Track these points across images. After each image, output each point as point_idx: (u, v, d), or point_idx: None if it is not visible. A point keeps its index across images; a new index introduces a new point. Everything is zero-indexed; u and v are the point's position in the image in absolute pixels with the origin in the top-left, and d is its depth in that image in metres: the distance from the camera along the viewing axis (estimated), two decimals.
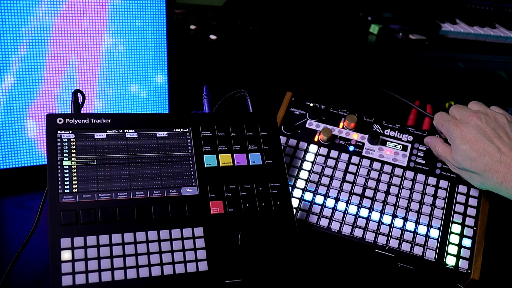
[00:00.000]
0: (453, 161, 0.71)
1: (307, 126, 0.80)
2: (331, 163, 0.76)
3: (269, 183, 0.67)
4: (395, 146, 0.78)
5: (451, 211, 0.72)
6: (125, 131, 0.64)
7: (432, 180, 0.75)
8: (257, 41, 1.13)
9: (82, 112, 0.65)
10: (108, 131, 0.63)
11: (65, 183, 0.59)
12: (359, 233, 0.70)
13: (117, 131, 0.64)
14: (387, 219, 0.71)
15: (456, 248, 0.70)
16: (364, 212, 0.72)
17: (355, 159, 0.76)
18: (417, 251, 0.69)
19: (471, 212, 0.72)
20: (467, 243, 0.70)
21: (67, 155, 0.60)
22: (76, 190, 0.59)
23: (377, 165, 0.76)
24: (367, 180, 0.75)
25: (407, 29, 1.27)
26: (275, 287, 0.62)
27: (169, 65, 0.87)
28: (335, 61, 1.12)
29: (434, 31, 1.28)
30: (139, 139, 0.64)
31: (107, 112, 0.85)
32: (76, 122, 0.62)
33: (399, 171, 0.75)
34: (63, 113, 0.64)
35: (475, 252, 0.69)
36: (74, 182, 0.59)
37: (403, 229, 0.71)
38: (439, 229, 0.71)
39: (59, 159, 0.60)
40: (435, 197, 0.73)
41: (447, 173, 0.75)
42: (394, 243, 0.70)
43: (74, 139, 0.61)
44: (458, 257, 0.69)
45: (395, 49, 1.18)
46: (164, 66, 0.87)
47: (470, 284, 0.68)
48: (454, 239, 0.70)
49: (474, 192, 0.74)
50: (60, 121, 0.62)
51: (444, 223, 0.71)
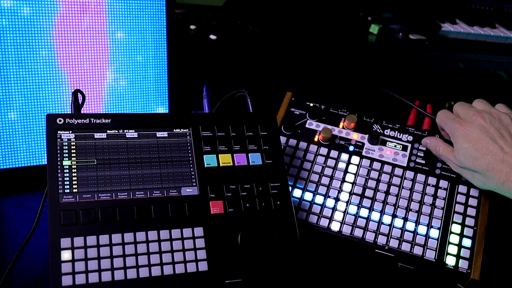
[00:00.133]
0: (455, 160, 0.71)
1: (307, 126, 0.79)
2: (331, 163, 0.76)
3: (269, 183, 0.67)
4: (395, 146, 0.78)
5: (451, 211, 0.72)
6: (125, 131, 0.64)
7: (432, 180, 0.75)
8: (257, 41, 1.13)
9: (82, 112, 0.66)
10: (108, 131, 0.63)
11: (65, 183, 0.59)
12: (359, 233, 0.70)
13: (117, 131, 0.64)
14: (387, 219, 0.71)
15: (456, 248, 0.70)
16: (364, 212, 0.72)
17: (355, 159, 0.76)
18: (417, 251, 0.69)
19: (471, 212, 0.72)
20: (467, 243, 0.70)
21: (67, 155, 0.60)
22: (76, 190, 0.59)
23: (377, 165, 0.76)
24: (367, 180, 0.75)
25: (407, 29, 1.27)
26: (275, 287, 0.62)
27: (169, 65, 0.87)
28: (335, 61, 1.12)
29: (434, 31, 1.28)
30: (139, 139, 0.64)
31: (107, 112, 0.85)
32: (76, 122, 0.62)
33: (399, 171, 0.75)
34: (63, 113, 0.64)
35: (475, 252, 0.69)
36: (74, 182, 0.59)
37: (403, 229, 0.71)
38: (439, 229, 0.71)
39: (59, 159, 0.60)
40: (435, 197, 0.73)
41: (447, 173, 0.75)
42: (394, 243, 0.70)
43: (74, 139, 0.61)
44: (458, 257, 0.69)
45: (395, 49, 1.18)
46: (164, 66, 0.87)
47: (470, 284, 0.68)
48: (454, 239, 0.70)
49: (474, 192, 0.74)
50: (60, 121, 0.62)
51: (444, 223, 0.71)
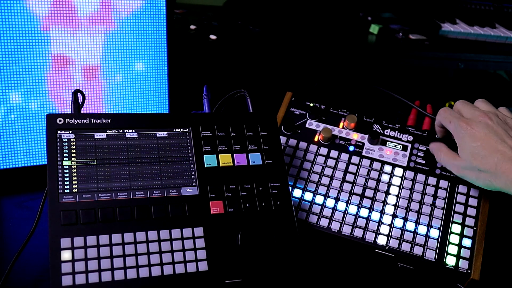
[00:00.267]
0: (458, 162, 0.70)
1: (307, 126, 0.79)
2: (331, 163, 0.76)
3: (269, 183, 0.67)
4: (395, 146, 0.78)
5: (451, 211, 0.72)
6: (125, 131, 0.64)
7: (432, 180, 0.75)
8: (257, 41, 1.13)
9: (82, 112, 0.66)
10: (108, 131, 0.63)
11: (65, 183, 0.59)
12: (359, 233, 0.70)
13: (117, 131, 0.64)
14: (387, 219, 0.71)
15: (456, 248, 0.70)
16: (364, 212, 0.72)
17: (355, 159, 0.76)
18: (417, 251, 0.69)
19: (471, 212, 0.72)
20: (467, 243, 0.70)
21: (67, 155, 0.60)
22: (76, 190, 0.59)
23: (377, 165, 0.76)
24: (367, 180, 0.75)
25: (407, 29, 1.28)
26: (275, 287, 0.62)
27: (169, 65, 0.87)
28: (335, 61, 1.12)
29: (434, 31, 1.28)
30: (139, 139, 0.64)
31: (107, 112, 0.85)
32: (76, 122, 0.62)
33: (399, 171, 0.75)
34: (63, 113, 0.64)
35: (475, 252, 0.69)
36: (74, 182, 0.59)
37: (403, 229, 0.71)
38: (439, 229, 0.71)
39: (59, 159, 0.60)
40: (435, 197, 0.73)
41: (447, 173, 0.75)
42: (394, 243, 0.70)
43: (74, 139, 0.61)
44: (458, 257, 0.69)
45: (395, 49, 1.18)
46: (164, 66, 0.87)
47: (470, 284, 0.68)
48: (454, 239, 0.70)
49: (474, 192, 0.74)
50: (60, 121, 0.62)
51: (444, 223, 0.71)
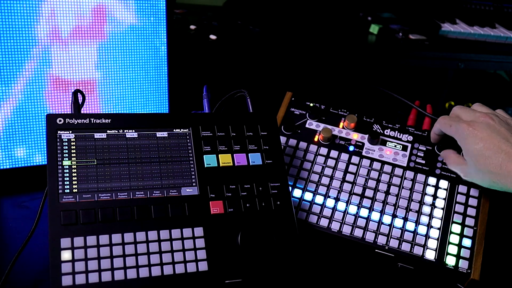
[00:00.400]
0: (464, 166, 0.70)
1: (307, 126, 0.79)
2: (331, 163, 0.76)
3: (269, 183, 0.67)
4: (395, 146, 0.78)
5: (451, 211, 0.72)
6: (125, 131, 0.64)
7: (432, 180, 0.75)
8: (257, 41, 1.13)
9: (82, 112, 0.65)
10: (108, 131, 0.63)
11: (65, 183, 0.59)
12: (359, 233, 0.70)
13: (117, 131, 0.64)
14: (387, 219, 0.71)
15: (456, 248, 0.70)
16: (364, 212, 0.72)
17: (355, 159, 0.76)
18: (417, 251, 0.69)
19: (471, 212, 0.72)
20: (467, 243, 0.70)
21: (67, 155, 0.60)
22: (76, 190, 0.59)
23: (377, 165, 0.76)
24: (367, 180, 0.75)
25: (407, 29, 1.28)
26: (275, 287, 0.62)
27: (169, 65, 0.87)
28: (335, 61, 1.12)
29: (434, 31, 1.28)
30: (139, 139, 0.64)
31: (107, 112, 0.85)
32: (76, 122, 0.62)
33: (399, 171, 0.75)
34: (63, 113, 0.64)
35: (475, 252, 0.69)
36: (74, 182, 0.59)
37: (403, 229, 0.71)
38: (439, 229, 0.71)
39: (59, 159, 0.60)
40: (435, 197, 0.73)
41: (447, 173, 0.75)
42: (394, 243, 0.70)
43: (74, 139, 0.61)
44: (458, 257, 0.69)
45: (395, 49, 1.18)
46: (164, 66, 0.87)
47: (470, 284, 0.68)
48: (454, 239, 0.70)
49: (474, 192, 0.74)
50: (60, 121, 0.62)
51: (444, 223, 0.71)
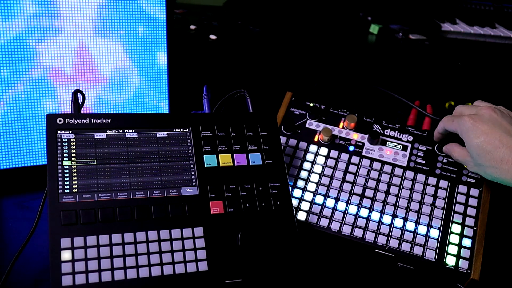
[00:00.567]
0: (469, 159, 0.70)
1: (307, 126, 0.79)
2: (331, 163, 0.76)
3: (269, 183, 0.67)
4: (395, 146, 0.78)
5: (451, 211, 0.72)
6: (125, 131, 0.64)
7: (432, 180, 0.75)
8: (257, 41, 1.13)
9: (82, 112, 0.65)
10: (108, 131, 0.63)
11: (65, 183, 0.59)
12: (359, 233, 0.70)
13: (117, 131, 0.64)
14: (387, 219, 0.71)
15: (456, 248, 0.70)
16: (364, 212, 0.72)
17: (355, 159, 0.76)
18: (417, 251, 0.69)
19: (471, 212, 0.72)
20: (467, 243, 0.70)
21: (67, 155, 0.60)
22: (76, 190, 0.59)
23: (377, 165, 0.76)
24: (367, 180, 0.75)
25: (407, 29, 1.28)
26: (275, 287, 0.62)
27: (169, 65, 0.87)
28: (335, 61, 1.13)
29: (434, 31, 1.28)
30: (139, 139, 0.64)
31: (107, 112, 0.85)
32: (76, 122, 0.62)
33: (399, 171, 0.75)
34: (63, 113, 0.64)
35: (475, 252, 0.69)
36: (74, 182, 0.59)
37: (403, 229, 0.71)
38: (439, 229, 0.71)
39: (59, 159, 0.60)
40: (435, 197, 0.73)
41: (447, 173, 0.75)
42: (394, 243, 0.70)
43: (74, 139, 0.61)
44: (458, 257, 0.69)
45: (395, 49, 1.19)
46: (164, 65, 0.87)
47: (470, 284, 0.68)
48: (454, 239, 0.70)
49: (474, 192, 0.74)
50: (60, 121, 0.62)
51: (444, 223, 0.71)
